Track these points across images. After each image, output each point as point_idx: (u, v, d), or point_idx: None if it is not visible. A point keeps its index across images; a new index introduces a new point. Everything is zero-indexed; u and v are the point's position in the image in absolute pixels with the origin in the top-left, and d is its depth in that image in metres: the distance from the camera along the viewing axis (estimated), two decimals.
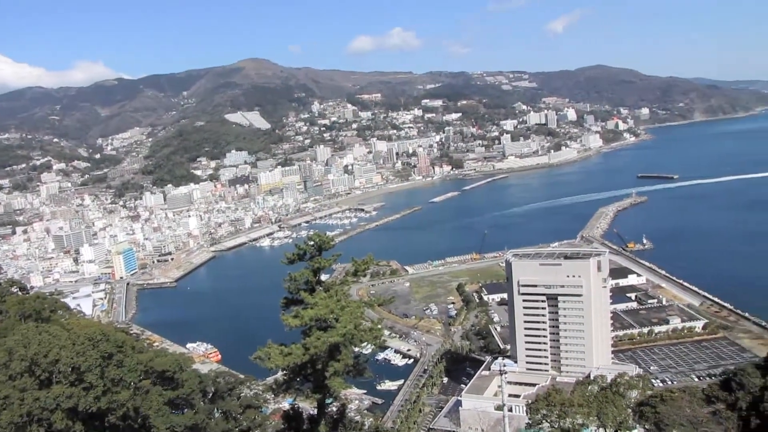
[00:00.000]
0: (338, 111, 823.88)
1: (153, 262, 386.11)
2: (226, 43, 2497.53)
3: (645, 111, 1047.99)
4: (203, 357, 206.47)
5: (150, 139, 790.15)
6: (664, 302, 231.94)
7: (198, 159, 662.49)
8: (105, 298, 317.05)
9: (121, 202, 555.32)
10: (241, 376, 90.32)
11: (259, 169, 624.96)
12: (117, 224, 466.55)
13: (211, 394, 78.58)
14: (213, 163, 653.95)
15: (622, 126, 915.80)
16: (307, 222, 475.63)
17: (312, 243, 45.30)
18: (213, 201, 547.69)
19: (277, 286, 48.23)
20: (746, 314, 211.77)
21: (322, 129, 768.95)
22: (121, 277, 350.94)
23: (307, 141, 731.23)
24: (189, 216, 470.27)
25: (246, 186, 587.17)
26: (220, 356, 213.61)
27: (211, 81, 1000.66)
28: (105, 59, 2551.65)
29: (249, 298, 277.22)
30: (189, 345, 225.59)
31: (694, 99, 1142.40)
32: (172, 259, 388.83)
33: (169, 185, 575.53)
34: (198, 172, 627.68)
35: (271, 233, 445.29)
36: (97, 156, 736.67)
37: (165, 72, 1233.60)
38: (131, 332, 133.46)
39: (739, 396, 42.81)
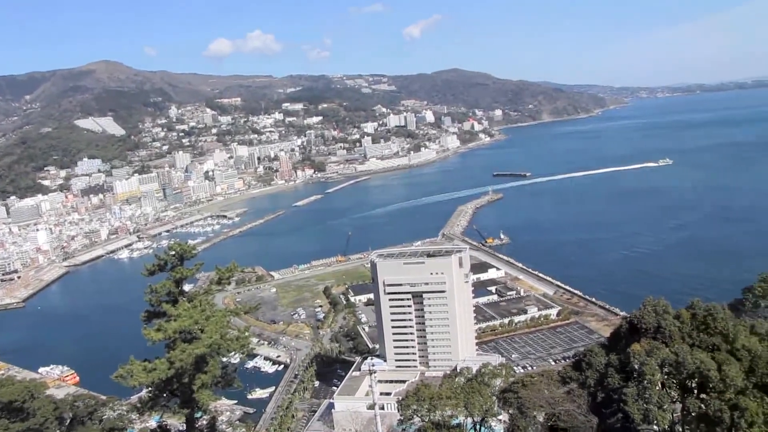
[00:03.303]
0: (197, 116, 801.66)
1: None
2: (74, 44, 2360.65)
3: (498, 112, 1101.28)
4: (58, 381, 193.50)
5: None
6: (522, 293, 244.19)
7: (45, 168, 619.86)
8: None
9: None
10: (103, 398, 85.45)
11: (115, 177, 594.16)
12: None
13: (68, 420, 73.86)
14: (63, 173, 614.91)
15: (477, 127, 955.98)
16: (167, 231, 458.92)
17: (173, 253, 44.07)
18: (64, 213, 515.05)
19: (139, 299, 46.40)
20: (593, 299, 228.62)
21: (180, 134, 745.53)
22: None
23: (165, 147, 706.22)
24: (37, 230, 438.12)
25: (101, 195, 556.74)
26: (78, 378, 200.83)
27: (57, 84, 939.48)
28: None
29: (108, 314, 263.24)
30: (41, 369, 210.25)
31: (542, 101, 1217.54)
32: (18, 277, 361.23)
33: (13, 197, 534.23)
34: (46, 182, 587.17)
35: (130, 244, 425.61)
36: None
37: (3, 73, 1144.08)
38: None
39: (588, 374, 46.08)
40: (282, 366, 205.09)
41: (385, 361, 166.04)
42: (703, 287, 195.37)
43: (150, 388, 43.58)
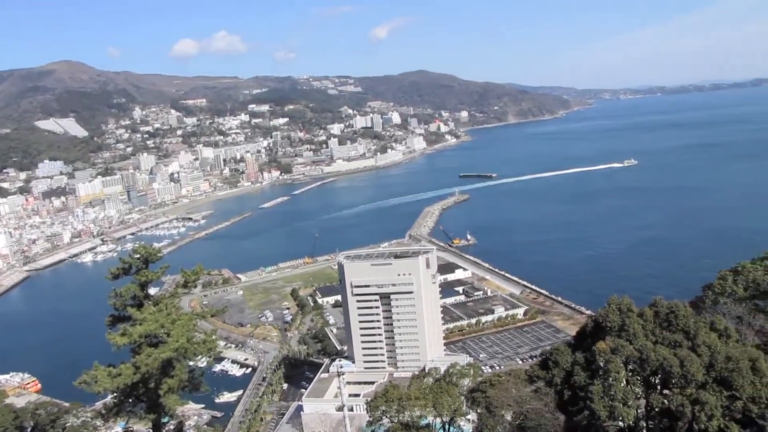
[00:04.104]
0: (162, 117, 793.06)
1: None
2: (33, 43, 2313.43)
3: (464, 114, 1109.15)
4: (19, 389, 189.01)
5: None
6: (488, 293, 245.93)
7: (4, 170, 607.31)
8: None
9: None
10: (66, 405, 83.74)
11: (77, 179, 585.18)
12: None
13: (29, 429, 72.28)
14: (23, 175, 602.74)
15: (443, 128, 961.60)
16: (132, 234, 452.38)
17: (138, 256, 43.48)
18: (25, 216, 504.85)
19: (103, 303, 45.72)
20: (559, 298, 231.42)
21: (144, 136, 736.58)
22: None
23: (129, 149, 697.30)
24: None
25: (63, 198, 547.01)
26: (39, 386, 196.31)
27: (16, 84, 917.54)
28: None
29: (71, 319, 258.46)
30: (0, 377, 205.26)
31: (507, 102, 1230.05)
32: None
33: None
34: (5, 185, 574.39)
35: (94, 248, 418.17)
36: None
37: None
38: None
39: (555, 373, 46.58)
40: (250, 369, 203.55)
41: (353, 362, 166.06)
42: (666, 285, 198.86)
43: (115, 394, 42.98)
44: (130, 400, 43.64)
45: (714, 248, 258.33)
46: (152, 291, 45.49)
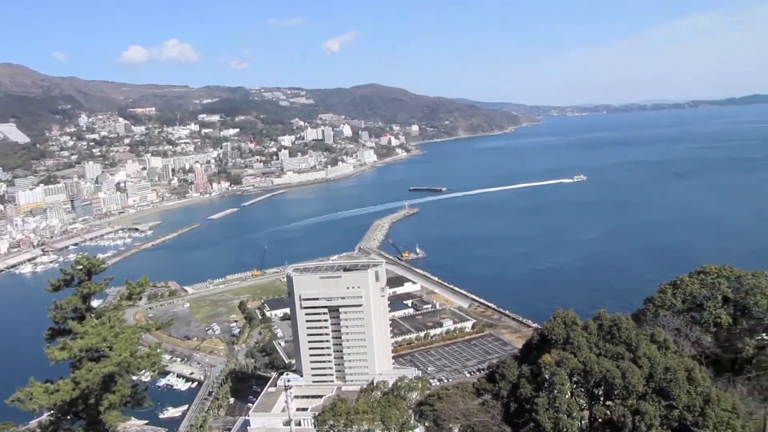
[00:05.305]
0: (109, 125, 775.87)
1: None
2: None
3: (415, 128, 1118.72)
4: None
5: None
6: (437, 307, 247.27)
7: None
8: None
9: None
10: None
11: (17, 187, 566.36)
12: None
13: None
14: None
15: (394, 142, 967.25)
16: (75, 244, 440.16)
17: (80, 267, 42.37)
18: None
19: (42, 316, 44.37)
20: (506, 312, 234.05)
21: (90, 144, 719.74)
22: None
23: (74, 157, 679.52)
24: None
25: (1, 206, 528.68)
26: None
27: None
28: None
29: (6, 333, 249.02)
30: None
31: (457, 117, 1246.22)
32: None
33: None
34: None
35: (33, 258, 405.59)
36: None
37: None
38: None
39: (501, 386, 47.16)
40: (196, 383, 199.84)
41: (301, 376, 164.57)
42: (609, 298, 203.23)
43: (52, 411, 41.66)
44: (68, 418, 42.32)
45: (654, 262, 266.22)
46: (95, 303, 44.40)
